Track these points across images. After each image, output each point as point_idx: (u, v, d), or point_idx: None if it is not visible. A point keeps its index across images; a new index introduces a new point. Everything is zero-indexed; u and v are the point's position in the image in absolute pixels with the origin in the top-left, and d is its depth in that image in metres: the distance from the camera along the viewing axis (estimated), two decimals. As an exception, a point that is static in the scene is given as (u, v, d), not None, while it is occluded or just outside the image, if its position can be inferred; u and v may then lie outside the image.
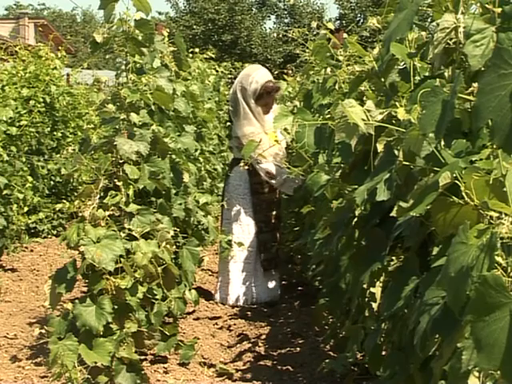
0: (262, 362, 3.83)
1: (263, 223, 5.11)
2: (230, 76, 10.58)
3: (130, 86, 3.49)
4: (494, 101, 1.36)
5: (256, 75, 5.13)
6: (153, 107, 3.68)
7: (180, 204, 3.86)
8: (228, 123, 5.44)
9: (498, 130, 1.35)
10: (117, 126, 3.50)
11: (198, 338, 4.10)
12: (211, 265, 6.06)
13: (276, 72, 9.10)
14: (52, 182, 7.51)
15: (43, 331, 3.13)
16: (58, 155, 7.47)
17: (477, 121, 1.42)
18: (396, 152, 1.99)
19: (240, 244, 4.71)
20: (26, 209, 6.36)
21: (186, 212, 3.94)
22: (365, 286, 2.48)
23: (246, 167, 4.07)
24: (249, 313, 4.82)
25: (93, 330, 3.04)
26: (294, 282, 5.64)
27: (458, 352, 1.33)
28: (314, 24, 4.05)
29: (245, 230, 5.08)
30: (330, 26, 3.25)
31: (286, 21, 40.89)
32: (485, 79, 1.39)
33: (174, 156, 3.85)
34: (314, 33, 4.20)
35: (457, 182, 1.57)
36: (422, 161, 1.82)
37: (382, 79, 2.41)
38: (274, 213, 5.16)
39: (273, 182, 5.02)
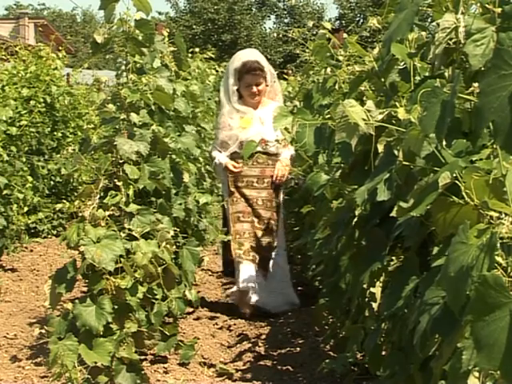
0: (262, 362, 3.83)
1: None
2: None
3: (130, 86, 3.50)
4: (495, 102, 1.36)
5: (241, 54, 4.91)
6: (153, 107, 3.68)
7: (180, 204, 3.86)
8: None
9: (499, 130, 1.35)
10: (117, 126, 3.50)
11: (198, 338, 4.10)
12: (211, 265, 6.06)
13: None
14: (52, 182, 7.52)
15: (43, 331, 3.13)
16: (58, 155, 7.48)
17: (479, 122, 1.42)
18: (396, 152, 1.99)
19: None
20: (25, 209, 6.36)
21: (186, 212, 3.94)
22: (365, 285, 2.48)
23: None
24: (249, 313, 4.82)
25: (93, 330, 3.04)
26: (294, 282, 5.63)
27: (458, 352, 1.33)
28: (309, 23, 4.06)
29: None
30: (328, 25, 3.24)
31: (285, 21, 40.92)
32: (485, 80, 1.39)
33: (174, 156, 3.85)
34: (314, 32, 4.19)
35: (457, 181, 1.57)
36: (422, 161, 1.82)
37: (382, 79, 2.41)
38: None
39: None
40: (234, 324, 4.54)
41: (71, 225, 3.24)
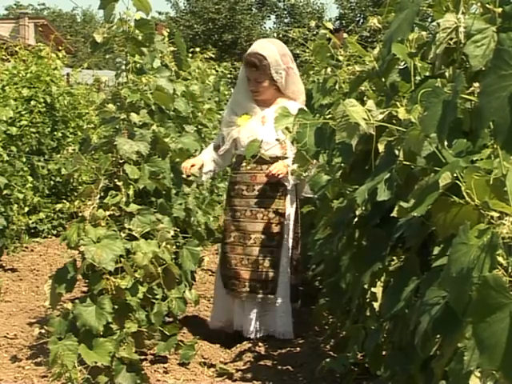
0: (262, 362, 3.82)
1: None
2: (229, 76, 10.58)
3: (130, 86, 3.49)
4: (495, 102, 1.36)
5: (256, 42, 4.34)
6: (153, 107, 3.68)
7: (180, 204, 3.86)
8: None
9: (499, 130, 1.35)
10: (117, 126, 3.50)
11: (198, 338, 4.09)
12: (211, 265, 6.05)
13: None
14: (52, 182, 7.51)
15: (43, 331, 3.13)
16: (59, 155, 7.48)
17: (479, 122, 1.42)
18: (397, 152, 1.99)
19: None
20: (26, 209, 6.36)
21: (186, 212, 3.94)
22: (365, 286, 2.47)
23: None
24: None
25: (93, 330, 3.04)
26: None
27: (460, 352, 1.33)
28: (312, 23, 4.04)
29: None
30: (329, 25, 3.25)
31: (285, 21, 40.88)
32: (486, 81, 1.39)
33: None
34: (314, 32, 4.19)
35: (457, 181, 1.56)
36: (422, 160, 1.82)
37: (383, 79, 2.41)
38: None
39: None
40: (234, 324, 4.54)
41: (71, 225, 3.24)
